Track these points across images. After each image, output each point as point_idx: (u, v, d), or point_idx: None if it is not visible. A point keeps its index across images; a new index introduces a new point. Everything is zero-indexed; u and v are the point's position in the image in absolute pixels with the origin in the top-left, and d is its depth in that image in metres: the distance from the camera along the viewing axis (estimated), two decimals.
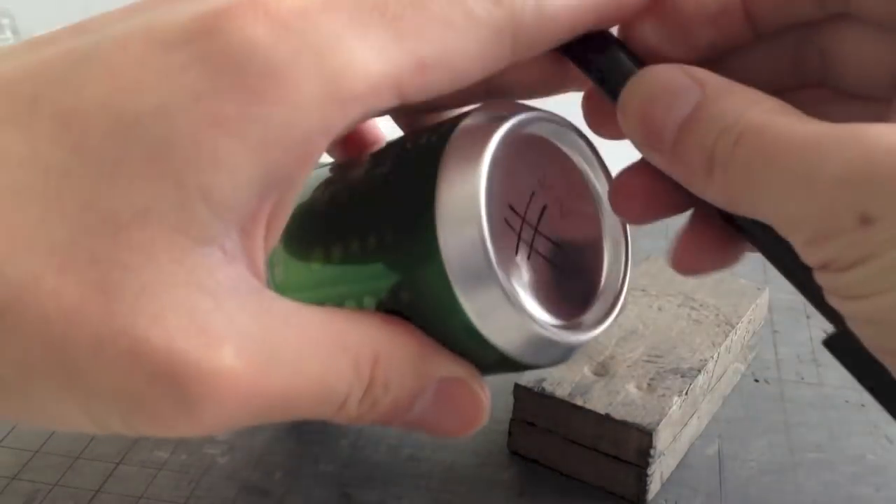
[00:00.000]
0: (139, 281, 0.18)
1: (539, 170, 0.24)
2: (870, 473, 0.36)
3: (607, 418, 0.33)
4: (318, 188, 0.25)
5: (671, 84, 0.22)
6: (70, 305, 0.17)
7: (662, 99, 0.22)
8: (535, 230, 0.24)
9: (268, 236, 0.20)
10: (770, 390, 0.41)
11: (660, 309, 0.39)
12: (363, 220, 0.23)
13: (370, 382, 0.21)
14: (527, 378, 0.35)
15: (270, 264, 0.25)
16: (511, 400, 0.36)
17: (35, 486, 0.34)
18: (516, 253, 0.23)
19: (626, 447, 0.34)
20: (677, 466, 0.36)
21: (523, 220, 0.24)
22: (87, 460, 0.36)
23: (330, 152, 0.27)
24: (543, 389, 0.35)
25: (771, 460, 0.37)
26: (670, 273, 0.42)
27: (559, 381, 0.35)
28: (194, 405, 0.18)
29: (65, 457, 0.36)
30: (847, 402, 0.40)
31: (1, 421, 0.38)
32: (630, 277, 0.26)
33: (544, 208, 0.24)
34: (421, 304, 0.22)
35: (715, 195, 0.22)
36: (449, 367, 0.23)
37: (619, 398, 0.34)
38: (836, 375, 0.42)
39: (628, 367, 0.36)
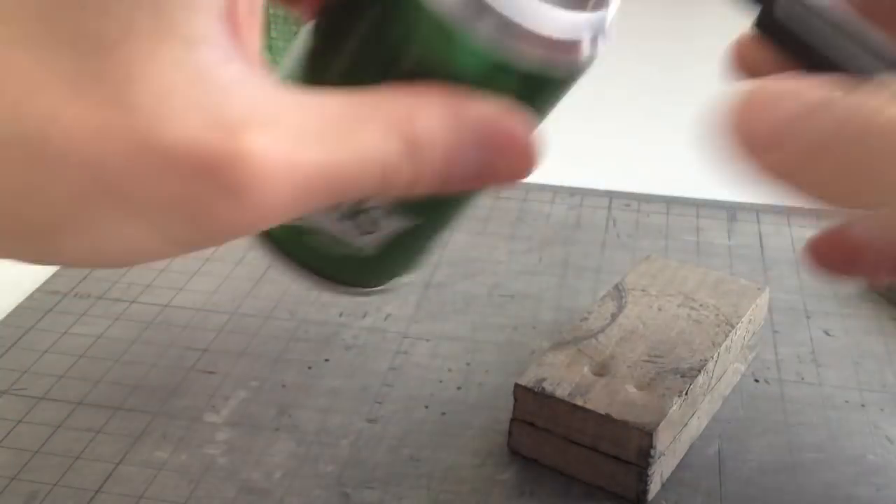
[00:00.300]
0: (148, 89, 0.18)
1: None
2: (870, 473, 0.36)
3: (607, 418, 0.33)
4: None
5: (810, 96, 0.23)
6: (95, 126, 0.18)
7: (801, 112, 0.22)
8: None
9: (252, 25, 0.21)
10: (770, 390, 0.41)
11: (660, 309, 0.40)
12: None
13: (412, 142, 0.22)
14: (527, 378, 0.35)
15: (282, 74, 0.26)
16: (511, 400, 0.36)
17: (35, 486, 0.34)
18: None
19: (626, 447, 0.34)
20: (677, 466, 0.36)
21: None
22: (87, 460, 0.36)
23: None
24: (543, 389, 0.35)
25: (771, 460, 0.37)
26: (670, 273, 0.42)
27: (559, 381, 0.35)
28: (240, 192, 0.19)
29: (65, 457, 0.36)
30: (847, 402, 0.40)
31: (1, 420, 0.38)
32: None
33: None
34: (426, 53, 0.22)
35: (771, 169, 0.22)
36: (481, 106, 0.23)
37: (619, 398, 0.34)
38: (836, 375, 0.42)
39: (628, 367, 0.36)
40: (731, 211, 0.56)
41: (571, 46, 0.23)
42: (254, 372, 0.41)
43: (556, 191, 0.58)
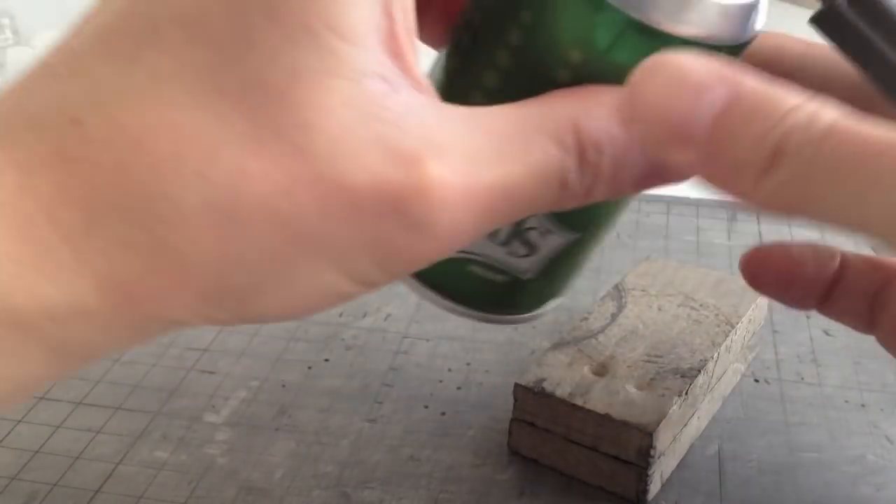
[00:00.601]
0: (324, 132, 0.18)
1: None
2: (870, 473, 0.36)
3: (607, 418, 0.33)
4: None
5: (697, 75, 0.21)
6: (280, 179, 0.18)
7: (691, 88, 0.21)
8: None
9: (411, 45, 0.20)
10: (770, 390, 0.41)
11: (660, 309, 0.40)
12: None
13: (580, 150, 0.21)
14: (527, 378, 0.35)
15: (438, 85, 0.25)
16: (511, 400, 0.36)
17: (35, 486, 0.34)
18: None
19: (626, 447, 0.34)
20: (677, 466, 0.36)
21: None
22: (87, 460, 0.36)
23: None
24: (543, 389, 0.35)
25: (771, 460, 0.37)
26: (670, 273, 0.42)
27: (559, 381, 0.35)
28: (424, 225, 0.19)
29: (65, 457, 0.36)
30: (847, 402, 0.40)
31: (1, 420, 0.38)
32: None
33: None
34: (587, 49, 0.22)
35: (768, 197, 0.20)
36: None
37: (619, 398, 0.34)
38: (836, 375, 0.42)
39: (628, 367, 0.36)
40: (731, 211, 0.56)
41: (741, 18, 0.23)
42: (254, 372, 0.41)
43: None
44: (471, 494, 0.35)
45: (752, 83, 0.21)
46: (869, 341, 0.43)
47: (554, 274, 0.28)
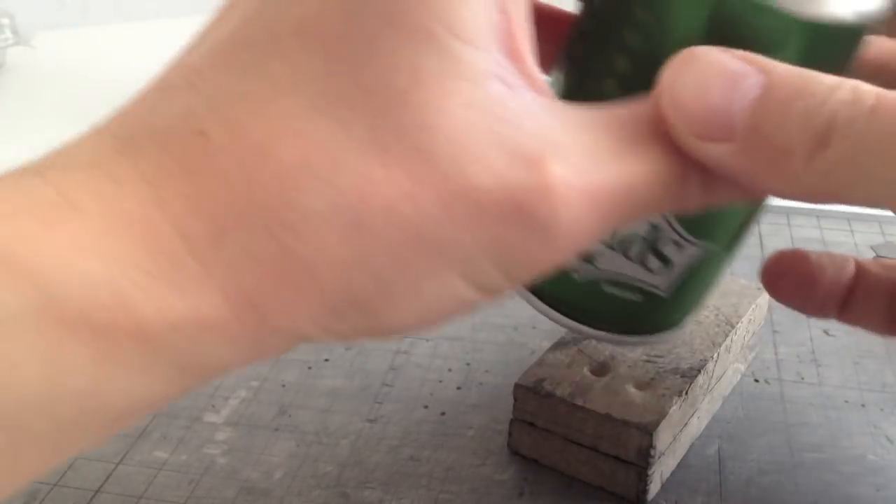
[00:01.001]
0: (446, 135, 0.18)
1: None
2: (870, 473, 0.36)
3: (607, 418, 0.33)
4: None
5: (731, 66, 0.21)
6: (405, 184, 0.18)
7: (726, 78, 0.21)
8: None
9: (527, 45, 0.20)
10: (770, 390, 0.41)
11: None
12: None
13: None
14: (527, 378, 0.35)
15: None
16: (511, 400, 0.36)
17: (35, 486, 0.34)
18: None
19: (626, 447, 0.34)
20: (677, 466, 0.36)
21: None
22: (87, 460, 0.36)
23: None
24: (543, 389, 0.35)
25: (771, 460, 0.37)
26: None
27: (559, 381, 0.35)
28: (548, 226, 0.19)
29: None
30: (847, 402, 0.40)
31: None
32: None
33: None
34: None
35: (819, 179, 0.20)
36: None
37: (619, 398, 0.34)
38: (836, 375, 0.42)
39: (628, 367, 0.36)
40: None
41: None
42: (254, 372, 0.41)
43: None
44: (471, 494, 0.35)
45: (785, 68, 0.21)
46: (869, 341, 0.43)
47: (688, 290, 0.28)
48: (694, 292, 0.28)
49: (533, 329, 0.44)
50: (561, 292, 0.29)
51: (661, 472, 0.35)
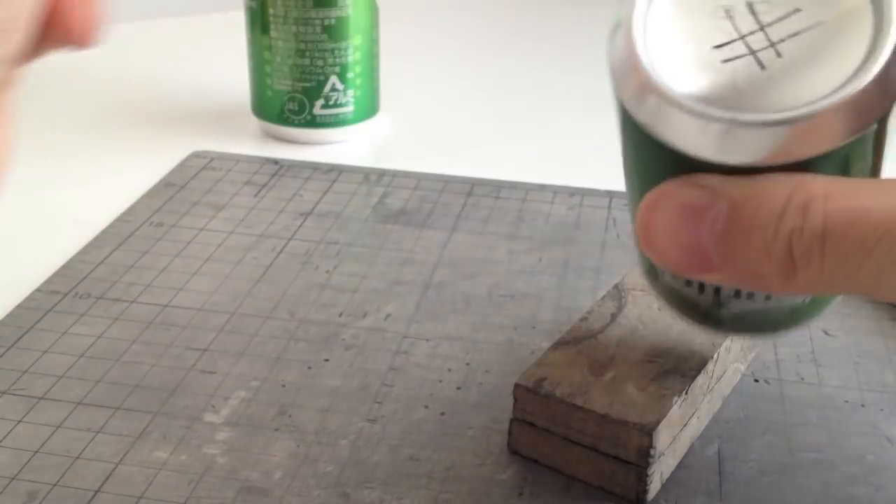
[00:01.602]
0: None
1: None
2: (870, 473, 0.36)
3: (607, 418, 0.33)
4: None
5: (691, 201, 0.22)
6: None
7: (689, 216, 0.22)
8: (761, 26, 0.25)
9: None
10: (770, 390, 0.41)
11: (660, 309, 0.39)
12: None
13: None
14: (527, 378, 0.35)
15: None
16: (511, 400, 0.36)
17: (35, 486, 0.34)
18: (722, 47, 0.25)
19: (626, 447, 0.34)
20: (677, 466, 0.36)
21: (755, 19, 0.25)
22: (87, 460, 0.36)
23: None
24: (543, 389, 0.35)
25: (771, 460, 0.37)
26: None
27: (559, 381, 0.35)
28: None
29: (65, 457, 0.36)
30: (847, 402, 0.40)
31: (1, 420, 0.38)
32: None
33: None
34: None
35: (802, 289, 0.22)
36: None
37: (619, 398, 0.34)
38: (836, 375, 0.42)
39: (628, 367, 0.36)
40: None
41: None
42: (254, 372, 0.41)
43: (556, 191, 0.58)
44: (471, 494, 0.35)
45: (739, 191, 0.22)
46: (869, 341, 0.43)
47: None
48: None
49: (533, 329, 0.45)
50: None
51: (661, 472, 0.35)
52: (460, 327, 0.44)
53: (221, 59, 0.79)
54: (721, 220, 0.22)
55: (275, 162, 0.61)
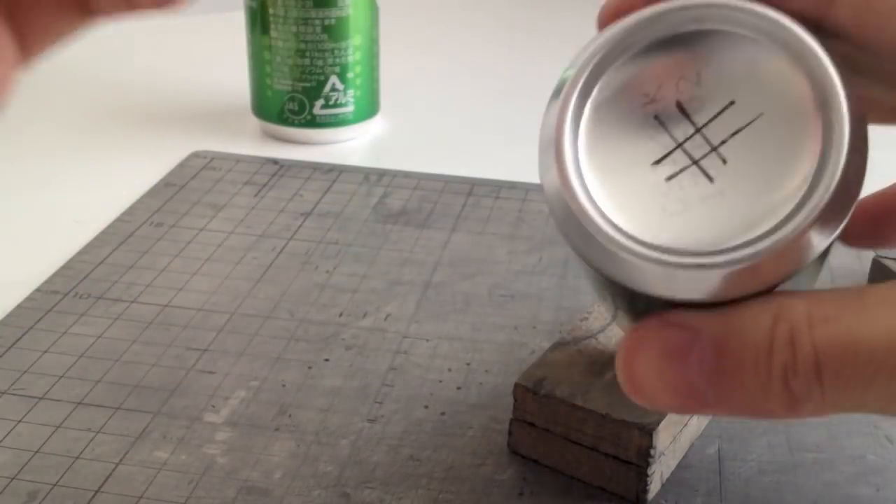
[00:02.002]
0: None
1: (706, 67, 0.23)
2: (870, 473, 0.36)
3: (607, 418, 0.33)
4: None
5: (671, 344, 0.22)
6: None
7: (673, 361, 0.22)
8: (703, 137, 0.23)
9: None
10: None
11: None
12: None
13: None
14: (527, 378, 0.35)
15: None
16: (511, 400, 0.36)
17: (35, 486, 0.34)
18: (659, 163, 0.23)
19: (626, 447, 0.34)
20: (677, 466, 0.36)
21: (692, 125, 0.23)
22: (87, 460, 0.36)
23: None
24: (543, 389, 0.35)
25: (771, 460, 0.37)
26: None
27: (559, 381, 0.35)
28: None
29: (65, 457, 0.36)
30: None
31: (1, 420, 0.38)
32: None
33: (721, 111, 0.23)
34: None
35: (811, 415, 0.22)
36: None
37: (619, 398, 0.34)
38: None
39: None
40: None
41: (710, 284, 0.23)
42: (254, 372, 0.41)
43: None
44: (471, 494, 0.35)
45: (719, 326, 0.22)
46: None
47: None
48: None
49: (533, 329, 0.45)
50: None
51: (661, 472, 0.35)
52: (460, 327, 0.44)
53: (221, 59, 0.79)
54: (707, 359, 0.21)
55: (275, 162, 0.61)
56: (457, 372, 0.41)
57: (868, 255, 0.49)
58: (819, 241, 0.22)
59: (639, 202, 0.23)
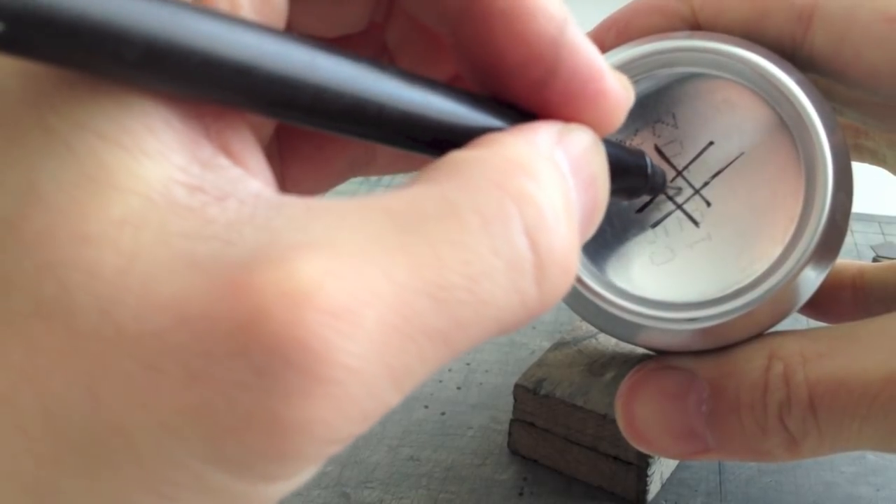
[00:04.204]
0: (86, 275, 0.13)
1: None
2: (870, 473, 0.36)
3: (607, 418, 0.33)
4: None
5: (669, 388, 0.22)
6: (31, 371, 0.14)
7: (671, 404, 0.22)
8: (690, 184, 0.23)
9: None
10: None
11: None
12: None
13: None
14: (526, 378, 0.35)
15: None
16: (511, 400, 0.36)
17: None
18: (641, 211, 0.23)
19: (626, 447, 0.34)
20: (677, 466, 0.36)
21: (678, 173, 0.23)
22: None
23: None
24: (543, 389, 0.35)
25: None
26: None
27: (559, 381, 0.35)
28: (294, 364, 0.14)
29: None
30: None
31: None
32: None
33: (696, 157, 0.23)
34: None
35: (810, 455, 0.21)
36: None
37: None
38: None
39: (628, 367, 0.36)
40: None
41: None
42: None
43: None
44: (471, 494, 0.35)
45: (715, 369, 0.22)
46: None
47: None
48: None
49: (533, 329, 0.45)
50: None
51: (661, 472, 0.35)
52: None
53: None
54: (705, 400, 0.21)
55: None
56: (457, 372, 0.41)
57: (868, 255, 0.49)
58: (812, 281, 0.22)
59: (626, 253, 0.23)
